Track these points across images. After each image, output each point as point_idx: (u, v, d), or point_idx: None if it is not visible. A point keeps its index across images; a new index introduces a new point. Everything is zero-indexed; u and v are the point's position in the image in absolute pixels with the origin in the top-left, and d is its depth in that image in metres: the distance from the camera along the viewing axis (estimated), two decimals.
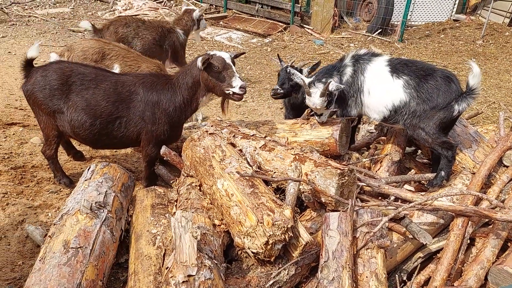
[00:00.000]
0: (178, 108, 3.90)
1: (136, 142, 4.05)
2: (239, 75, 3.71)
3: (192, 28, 6.86)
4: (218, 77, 3.70)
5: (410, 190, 3.43)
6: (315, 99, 3.61)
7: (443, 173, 3.38)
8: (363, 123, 5.31)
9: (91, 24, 5.79)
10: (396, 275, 3.08)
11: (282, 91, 4.24)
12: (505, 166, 3.55)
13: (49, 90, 3.70)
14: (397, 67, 3.46)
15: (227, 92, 3.71)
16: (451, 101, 3.22)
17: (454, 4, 12.27)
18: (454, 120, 3.39)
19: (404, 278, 3.11)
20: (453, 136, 3.65)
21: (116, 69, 4.93)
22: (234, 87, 3.66)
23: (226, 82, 3.69)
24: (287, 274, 2.76)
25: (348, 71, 3.65)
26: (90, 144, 4.02)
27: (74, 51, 4.99)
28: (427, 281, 3.04)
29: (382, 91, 3.50)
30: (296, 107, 4.54)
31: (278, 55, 5.07)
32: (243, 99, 5.95)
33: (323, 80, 3.65)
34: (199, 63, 3.69)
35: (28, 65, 3.79)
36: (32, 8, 11.55)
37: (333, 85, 3.55)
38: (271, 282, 2.71)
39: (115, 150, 4.94)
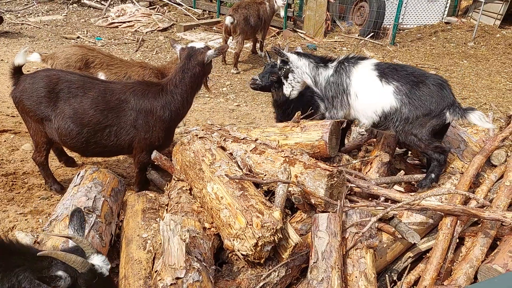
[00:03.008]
0: (174, 112, 3.91)
1: (128, 150, 4.04)
2: None
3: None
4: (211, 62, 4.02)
5: (399, 191, 3.45)
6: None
7: (433, 175, 3.39)
8: (354, 126, 5.33)
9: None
10: (386, 275, 3.09)
11: (260, 82, 4.44)
12: (493, 165, 3.58)
13: (36, 97, 3.69)
14: (386, 72, 3.45)
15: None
16: (444, 108, 3.21)
17: (446, 7, 12.37)
18: (447, 126, 3.40)
19: (395, 278, 3.12)
20: None
21: (101, 77, 4.88)
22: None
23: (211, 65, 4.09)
24: (277, 275, 2.76)
25: (330, 70, 3.74)
26: (79, 152, 4.01)
27: (57, 59, 4.93)
28: (417, 281, 3.05)
29: (370, 96, 3.50)
30: (280, 105, 4.61)
31: (266, 51, 5.26)
32: (236, 103, 5.96)
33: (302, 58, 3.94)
34: (211, 53, 3.95)
35: (16, 72, 3.79)
36: (25, 15, 11.56)
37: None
38: (261, 284, 2.71)
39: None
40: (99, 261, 2.05)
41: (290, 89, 4.03)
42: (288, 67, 3.93)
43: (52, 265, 1.97)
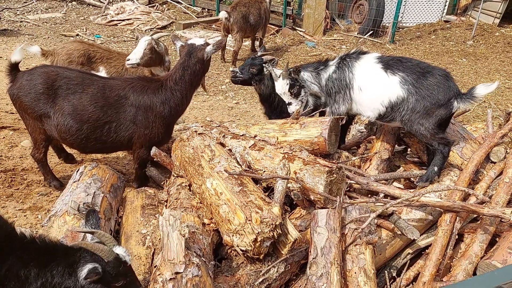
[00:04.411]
0: (173, 108, 3.91)
1: (127, 146, 4.03)
2: None
3: None
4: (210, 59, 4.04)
5: (398, 187, 3.45)
6: (278, 83, 3.91)
7: (436, 168, 3.39)
8: (354, 123, 5.33)
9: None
10: (386, 271, 3.10)
11: (241, 75, 4.37)
12: (492, 162, 3.58)
13: (34, 94, 3.66)
14: (390, 64, 3.47)
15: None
16: (451, 98, 3.25)
17: (445, 5, 12.36)
18: (450, 117, 3.43)
19: (394, 274, 3.12)
20: None
21: (102, 71, 4.91)
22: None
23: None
24: (277, 271, 2.77)
25: (332, 67, 3.73)
26: (78, 148, 3.99)
27: (58, 55, 4.93)
28: (416, 277, 3.05)
29: (376, 88, 3.51)
30: (265, 99, 4.58)
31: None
32: (235, 101, 5.97)
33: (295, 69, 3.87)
34: (210, 49, 3.93)
35: (13, 69, 3.77)
36: (24, 13, 11.53)
37: (289, 67, 3.80)
38: (260, 279, 2.72)
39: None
40: (121, 251, 2.22)
41: (299, 105, 3.96)
42: (299, 83, 3.90)
43: (81, 258, 2.12)
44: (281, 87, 3.95)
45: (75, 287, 2.10)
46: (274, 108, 4.44)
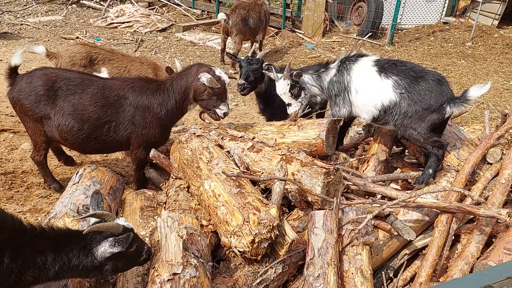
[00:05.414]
0: (170, 111, 3.94)
1: (126, 146, 4.06)
2: (228, 102, 4.01)
3: None
4: (212, 96, 3.91)
5: (395, 188, 3.47)
6: (279, 83, 3.92)
7: (430, 170, 3.42)
8: (353, 125, 5.34)
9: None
10: (383, 272, 3.11)
11: (248, 85, 4.38)
12: (489, 163, 3.60)
13: (35, 96, 3.69)
14: (385, 67, 3.50)
15: (212, 110, 3.99)
16: (443, 103, 3.27)
17: (444, 7, 12.41)
18: (445, 121, 3.44)
19: (391, 275, 3.14)
20: None
21: (104, 72, 4.96)
22: (221, 110, 4.00)
23: (216, 103, 3.97)
24: (274, 272, 2.79)
25: (333, 70, 3.78)
26: (79, 149, 4.02)
27: (61, 58, 4.99)
28: (413, 278, 3.07)
29: (370, 91, 3.55)
30: (261, 95, 4.68)
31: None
32: (235, 103, 5.97)
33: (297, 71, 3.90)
34: (204, 80, 3.79)
35: (12, 72, 3.80)
36: (24, 16, 11.58)
37: (291, 69, 3.80)
38: (258, 280, 2.74)
39: (105, 154, 4.96)
40: (123, 221, 2.40)
41: (298, 106, 3.99)
42: (299, 85, 3.92)
43: (92, 239, 2.27)
44: (282, 87, 3.97)
45: (93, 264, 2.24)
46: (267, 104, 4.50)
